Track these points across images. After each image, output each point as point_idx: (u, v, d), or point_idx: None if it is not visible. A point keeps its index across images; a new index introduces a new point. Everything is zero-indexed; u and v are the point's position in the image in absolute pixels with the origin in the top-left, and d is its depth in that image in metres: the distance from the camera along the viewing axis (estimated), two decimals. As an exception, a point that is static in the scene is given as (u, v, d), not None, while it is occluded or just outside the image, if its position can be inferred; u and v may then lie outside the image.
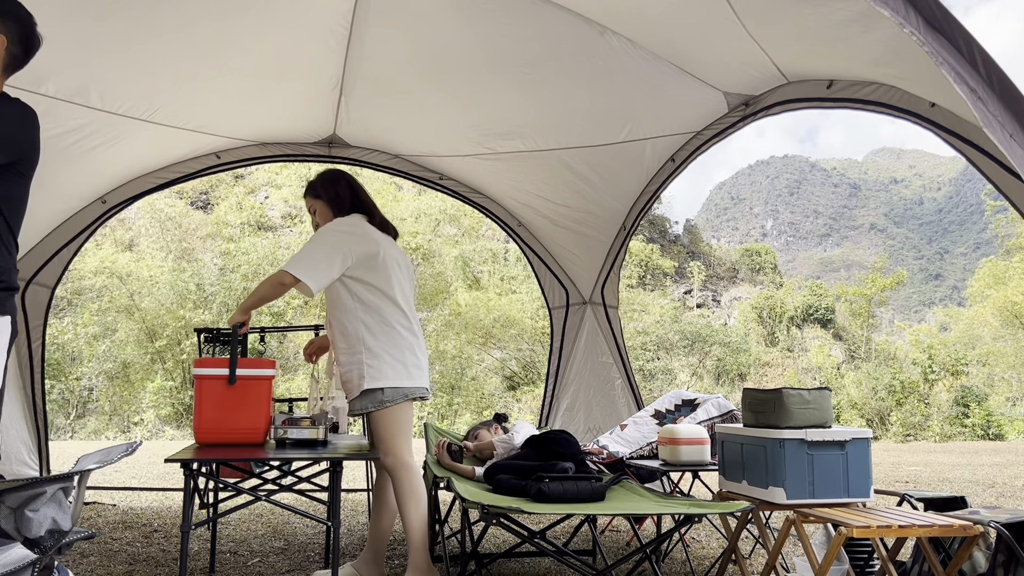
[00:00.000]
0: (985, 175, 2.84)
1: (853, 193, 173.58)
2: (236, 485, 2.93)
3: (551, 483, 2.75)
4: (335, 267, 2.96)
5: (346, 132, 5.25)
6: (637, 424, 4.28)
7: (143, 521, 4.92)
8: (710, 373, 27.36)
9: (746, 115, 4.17)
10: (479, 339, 23.70)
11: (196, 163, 5.31)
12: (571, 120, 4.71)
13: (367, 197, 3.24)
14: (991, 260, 31.26)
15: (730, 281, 38.75)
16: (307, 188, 3.27)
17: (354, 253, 2.99)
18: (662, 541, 2.76)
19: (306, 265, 2.91)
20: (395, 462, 2.99)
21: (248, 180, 30.98)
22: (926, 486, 8.11)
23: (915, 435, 20.56)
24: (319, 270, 2.92)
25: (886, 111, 3.20)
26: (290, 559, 3.86)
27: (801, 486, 2.86)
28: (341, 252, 2.96)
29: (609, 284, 5.95)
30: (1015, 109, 1.81)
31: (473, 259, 27.23)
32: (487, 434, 3.88)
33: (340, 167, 3.58)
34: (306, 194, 3.27)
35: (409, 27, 3.99)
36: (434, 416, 20.40)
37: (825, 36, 3.06)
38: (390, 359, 2.99)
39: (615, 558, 3.96)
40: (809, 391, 2.98)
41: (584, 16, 3.74)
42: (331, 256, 2.95)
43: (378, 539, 3.20)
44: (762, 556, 3.94)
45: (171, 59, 4.00)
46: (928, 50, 1.86)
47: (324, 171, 3.29)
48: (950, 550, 2.89)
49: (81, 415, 19.77)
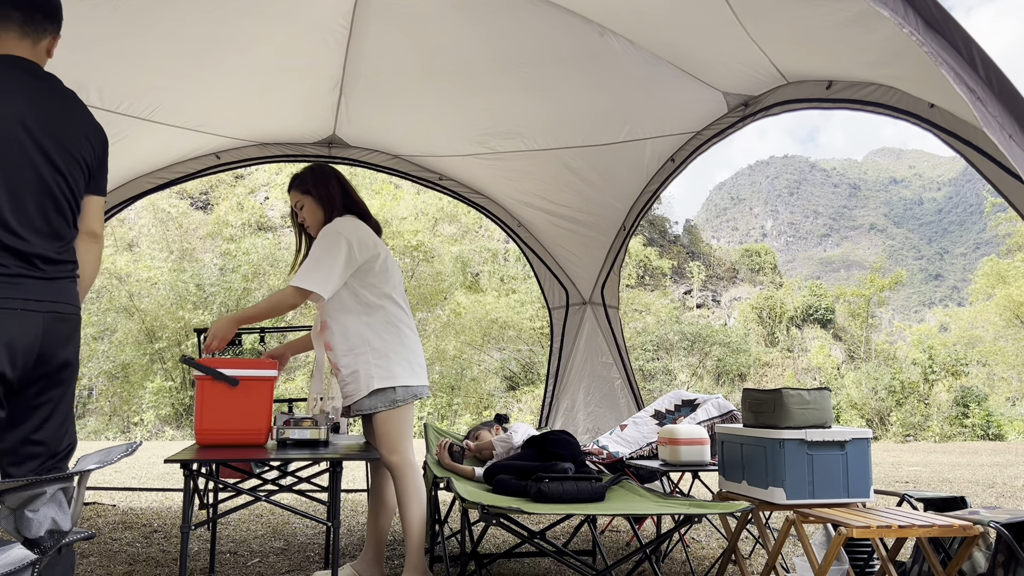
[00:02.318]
0: (984, 176, 2.84)
1: (853, 193, 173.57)
2: (236, 485, 2.93)
3: (551, 483, 2.75)
4: (344, 271, 2.94)
5: (346, 132, 5.25)
6: (637, 424, 4.28)
7: (143, 521, 4.92)
8: (710, 373, 27.35)
9: (746, 115, 4.17)
10: (479, 339, 23.70)
11: (196, 163, 5.31)
12: (571, 120, 4.71)
13: (357, 196, 3.21)
14: (992, 259, 31.25)
15: (730, 281, 38.73)
16: (294, 181, 3.16)
17: (359, 257, 2.98)
18: (662, 541, 2.76)
19: (317, 276, 2.88)
20: (401, 460, 2.99)
21: (248, 180, 30.97)
22: (926, 486, 8.12)
23: (915, 435, 20.56)
24: (330, 278, 2.90)
25: (885, 112, 3.20)
26: (290, 559, 3.86)
27: (801, 486, 2.86)
28: (347, 255, 2.94)
29: (609, 284, 5.95)
30: (1014, 110, 1.81)
31: (472, 259, 27.22)
32: (488, 435, 3.87)
33: (334, 166, 3.56)
34: (292, 188, 3.16)
35: (409, 27, 3.99)
36: (434, 416, 20.39)
37: (824, 37, 3.06)
38: (398, 358, 2.99)
39: (615, 558, 3.96)
40: (809, 391, 2.98)
41: (584, 16, 3.74)
42: (337, 260, 2.92)
43: (377, 539, 3.21)
44: (762, 556, 3.94)
45: (171, 58, 4.01)
46: (927, 50, 1.86)
47: (313, 166, 3.22)
48: (950, 550, 2.89)
49: (81, 415, 19.77)
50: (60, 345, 1.97)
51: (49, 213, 1.99)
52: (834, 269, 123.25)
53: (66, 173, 2.02)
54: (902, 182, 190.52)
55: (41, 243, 1.96)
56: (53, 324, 1.95)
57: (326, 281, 2.89)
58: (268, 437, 2.85)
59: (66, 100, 2.09)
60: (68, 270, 2.04)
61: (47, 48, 2.11)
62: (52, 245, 1.98)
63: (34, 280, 1.93)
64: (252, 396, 2.78)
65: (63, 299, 1.99)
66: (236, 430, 2.76)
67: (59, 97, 2.07)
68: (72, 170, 2.04)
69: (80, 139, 2.06)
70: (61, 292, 1.99)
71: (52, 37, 2.12)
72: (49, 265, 1.98)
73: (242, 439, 2.77)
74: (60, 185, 2.00)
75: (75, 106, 2.10)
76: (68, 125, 2.04)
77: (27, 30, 2.04)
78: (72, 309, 2.02)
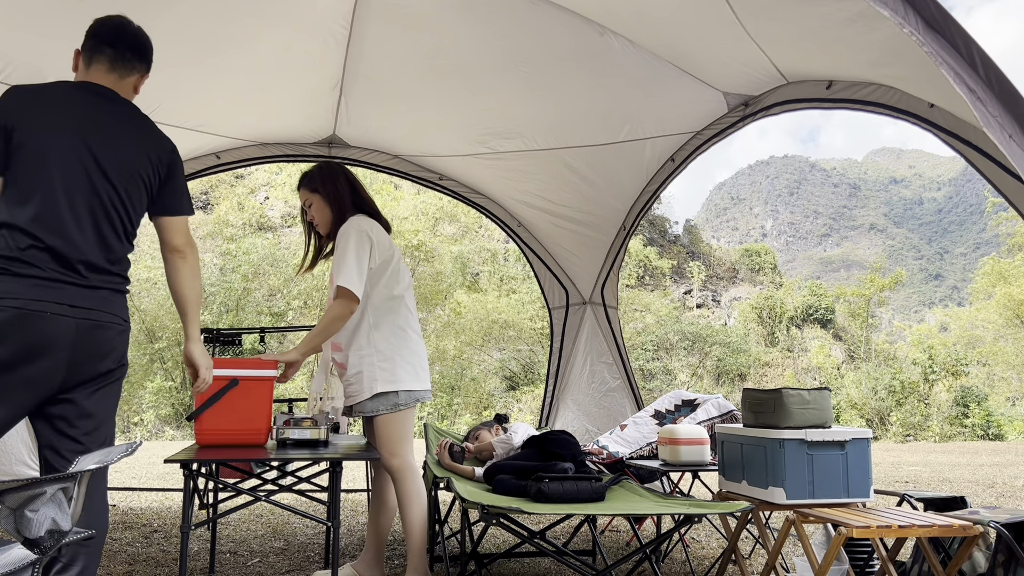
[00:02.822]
0: (984, 176, 2.84)
1: (853, 193, 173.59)
2: (236, 485, 2.93)
3: (551, 483, 2.75)
4: (366, 268, 2.96)
5: (346, 132, 5.25)
6: (637, 424, 4.28)
7: (143, 521, 4.92)
8: (710, 373, 27.36)
9: (746, 115, 4.17)
10: (479, 339, 23.70)
11: (196, 163, 5.31)
12: (571, 120, 4.71)
13: (366, 194, 3.20)
14: (992, 258, 31.26)
15: (730, 281, 38.75)
16: (303, 179, 3.18)
17: (376, 256, 2.99)
18: (662, 541, 2.76)
19: (356, 274, 2.89)
20: (401, 464, 2.99)
21: (248, 180, 30.97)
22: (926, 486, 8.12)
23: (915, 435, 20.56)
24: (360, 274, 2.91)
25: (885, 112, 3.20)
26: (290, 559, 3.86)
27: (801, 486, 2.86)
28: (368, 252, 2.96)
29: (609, 284, 5.95)
30: (1014, 110, 1.81)
31: (472, 259, 27.22)
32: (488, 435, 3.87)
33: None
34: (301, 186, 3.18)
35: (409, 27, 3.99)
36: (434, 416, 20.39)
37: (824, 36, 3.06)
38: (402, 361, 2.99)
39: (615, 558, 3.96)
40: (809, 391, 2.98)
41: (584, 16, 3.74)
42: (363, 256, 2.94)
43: (377, 539, 3.21)
44: (762, 556, 3.94)
45: (170, 57, 3.99)
46: (927, 50, 1.86)
47: (321, 164, 3.22)
48: (950, 550, 2.89)
49: (81, 415, 19.71)
50: (96, 353, 2.00)
51: (100, 222, 2.05)
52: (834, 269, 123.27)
53: (119, 187, 2.09)
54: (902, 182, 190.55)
55: (88, 249, 2.01)
56: (89, 332, 1.98)
57: (361, 279, 2.91)
58: (268, 437, 2.85)
59: (136, 121, 2.19)
60: (116, 282, 2.09)
61: (134, 85, 2.28)
62: (100, 253, 2.04)
63: (74, 286, 1.98)
64: (252, 396, 2.78)
65: (104, 308, 2.02)
66: (236, 430, 2.76)
67: (130, 118, 2.18)
68: (128, 186, 2.11)
69: (143, 159, 2.15)
70: (103, 301, 2.03)
71: (140, 75, 2.29)
72: (94, 273, 2.02)
73: (242, 439, 2.77)
74: (112, 197, 2.07)
75: (144, 128, 2.20)
76: (131, 145, 2.13)
77: (116, 65, 2.21)
78: (112, 319, 2.05)
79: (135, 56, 2.24)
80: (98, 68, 2.19)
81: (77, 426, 2.00)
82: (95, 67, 2.20)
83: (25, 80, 3.68)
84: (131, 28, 2.27)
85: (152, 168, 2.17)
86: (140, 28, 2.29)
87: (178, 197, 2.25)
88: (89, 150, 2.04)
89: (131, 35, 2.25)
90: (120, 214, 2.10)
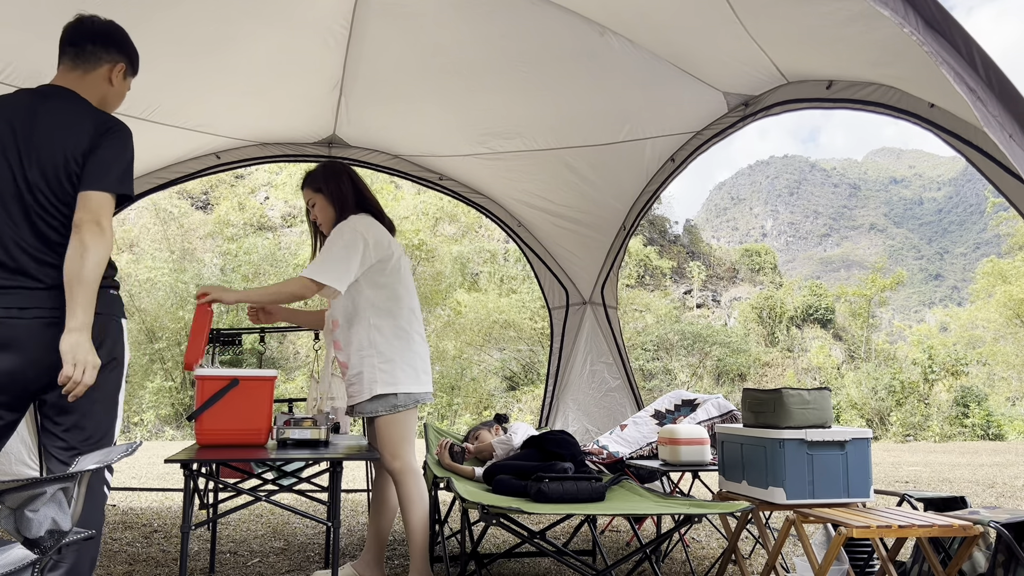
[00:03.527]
0: (985, 175, 2.84)
1: (853, 193, 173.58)
2: (236, 485, 2.93)
3: (551, 483, 2.75)
4: (359, 268, 2.93)
5: (346, 132, 5.25)
6: (637, 424, 4.28)
7: (143, 521, 4.92)
8: (710, 373, 27.35)
9: (746, 115, 4.17)
10: (479, 339, 23.69)
11: (196, 163, 5.31)
12: (571, 120, 4.71)
13: (370, 193, 3.18)
14: (992, 259, 31.26)
15: (730, 281, 38.73)
16: (307, 179, 3.17)
17: (372, 255, 2.96)
18: (662, 541, 2.76)
19: (333, 270, 2.86)
20: (402, 466, 2.98)
21: (248, 180, 30.96)
22: (926, 486, 8.12)
23: (915, 435, 20.56)
24: (347, 273, 2.88)
25: (886, 111, 3.20)
26: (290, 559, 3.86)
27: (801, 486, 2.86)
28: (361, 251, 2.92)
29: (609, 284, 5.95)
30: (1014, 109, 1.81)
31: (472, 259, 27.22)
32: (488, 435, 3.87)
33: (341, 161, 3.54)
34: (305, 185, 3.17)
35: (409, 27, 3.99)
36: (434, 416, 20.39)
37: (825, 36, 3.06)
38: (403, 363, 2.98)
39: (615, 558, 3.96)
40: (809, 391, 2.98)
41: (584, 16, 3.74)
42: (353, 256, 2.90)
43: (378, 539, 3.20)
44: (762, 556, 3.94)
45: (171, 58, 4.00)
46: (927, 50, 1.86)
47: (326, 163, 3.22)
48: (950, 550, 2.89)
49: (81, 415, 19.71)
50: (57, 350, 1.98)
51: (36, 221, 2.03)
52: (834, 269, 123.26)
53: (50, 180, 2.03)
54: (902, 182, 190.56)
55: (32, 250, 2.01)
56: (43, 330, 1.97)
57: (342, 276, 2.87)
58: (268, 437, 2.85)
59: (69, 108, 2.11)
60: None
61: (107, 76, 2.23)
62: (43, 250, 2.02)
63: (25, 291, 1.98)
64: (252, 396, 2.77)
65: (59, 305, 1.99)
66: (236, 430, 2.76)
67: (60, 111, 2.10)
68: (59, 175, 2.04)
69: (69, 144, 2.06)
70: (58, 299, 2.00)
71: (112, 65, 2.24)
72: (47, 268, 2.01)
73: (242, 439, 2.77)
74: (43, 193, 2.03)
75: (76, 113, 2.11)
76: (56, 132, 2.06)
77: (78, 62, 2.18)
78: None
79: (98, 47, 2.20)
80: (62, 69, 2.19)
81: (59, 423, 2.02)
82: (60, 69, 2.19)
83: (25, 80, 3.70)
84: (91, 22, 2.22)
85: (80, 151, 2.07)
86: (107, 21, 2.26)
87: (97, 172, 2.08)
88: (17, 151, 2.02)
89: (90, 28, 2.21)
90: (56, 208, 2.05)
